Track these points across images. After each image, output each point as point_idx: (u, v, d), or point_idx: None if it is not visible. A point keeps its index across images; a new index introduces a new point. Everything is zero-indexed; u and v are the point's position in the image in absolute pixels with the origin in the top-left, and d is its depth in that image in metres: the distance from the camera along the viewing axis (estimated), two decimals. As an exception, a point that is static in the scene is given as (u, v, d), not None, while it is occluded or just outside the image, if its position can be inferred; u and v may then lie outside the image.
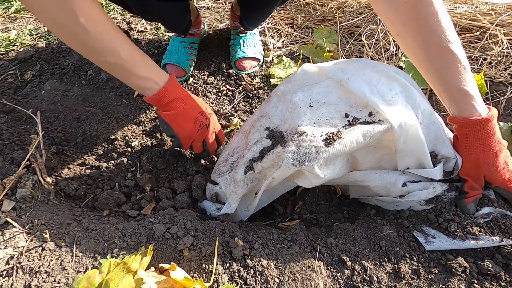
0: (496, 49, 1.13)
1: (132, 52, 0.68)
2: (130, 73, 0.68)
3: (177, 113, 0.75)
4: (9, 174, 0.73)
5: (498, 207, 0.67)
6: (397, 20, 0.65)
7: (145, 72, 0.69)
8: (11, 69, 1.19)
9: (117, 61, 0.66)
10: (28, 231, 0.64)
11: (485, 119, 0.63)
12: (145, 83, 0.70)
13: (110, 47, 0.64)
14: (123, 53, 0.66)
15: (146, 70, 0.70)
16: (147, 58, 0.71)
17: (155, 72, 0.71)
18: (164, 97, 0.72)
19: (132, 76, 0.69)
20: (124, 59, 0.66)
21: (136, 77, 0.69)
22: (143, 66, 0.69)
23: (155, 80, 0.71)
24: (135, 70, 0.68)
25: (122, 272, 0.53)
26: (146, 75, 0.70)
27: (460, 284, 0.60)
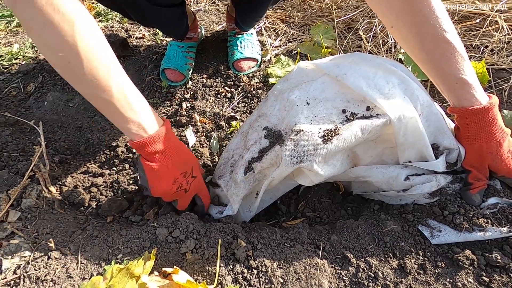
0: (497, 35, 1.11)
1: (127, 91, 0.60)
2: (119, 114, 0.60)
3: (158, 168, 0.64)
4: (15, 185, 0.75)
5: (505, 197, 0.66)
6: (391, 13, 0.64)
7: (134, 115, 0.61)
8: (15, 82, 1.21)
9: (108, 97, 0.58)
10: (34, 241, 0.65)
11: (486, 108, 0.62)
12: (132, 127, 0.61)
13: (104, 83, 0.57)
14: (117, 90, 0.59)
15: (136, 113, 0.61)
16: (141, 100, 0.63)
17: (146, 117, 0.63)
18: (148, 146, 0.63)
19: (121, 117, 0.61)
20: (115, 97, 0.59)
21: (124, 120, 0.61)
22: (135, 109, 0.61)
23: (143, 127, 0.62)
24: (124, 111, 0.60)
25: (126, 277, 0.53)
26: (135, 119, 0.61)
27: (468, 277, 0.58)
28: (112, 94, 0.58)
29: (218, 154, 0.97)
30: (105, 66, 0.57)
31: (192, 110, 1.08)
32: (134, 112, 0.61)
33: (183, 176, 0.68)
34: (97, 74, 0.56)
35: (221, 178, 0.76)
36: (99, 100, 0.60)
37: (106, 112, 0.62)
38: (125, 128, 0.62)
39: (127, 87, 0.61)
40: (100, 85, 0.57)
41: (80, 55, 0.54)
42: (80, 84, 0.59)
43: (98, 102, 0.60)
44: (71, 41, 0.53)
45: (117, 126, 0.63)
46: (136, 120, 0.61)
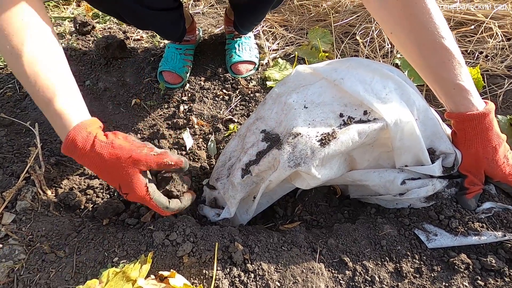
0: (492, 42, 1.12)
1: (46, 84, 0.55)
2: (40, 107, 0.57)
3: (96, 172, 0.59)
4: (9, 187, 0.74)
5: (499, 202, 0.67)
6: (390, 19, 0.65)
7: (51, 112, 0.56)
8: (10, 83, 1.20)
9: (28, 89, 0.55)
10: (28, 243, 0.64)
11: (483, 113, 0.63)
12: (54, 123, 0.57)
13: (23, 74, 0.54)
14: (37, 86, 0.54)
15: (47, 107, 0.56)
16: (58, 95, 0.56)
17: (60, 124, 0.56)
18: (71, 154, 0.57)
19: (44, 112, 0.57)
20: (35, 89, 0.55)
21: (46, 114, 0.57)
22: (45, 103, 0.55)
23: (61, 133, 0.56)
24: (42, 106, 0.56)
25: (122, 281, 0.53)
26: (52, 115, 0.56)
27: (463, 281, 0.59)
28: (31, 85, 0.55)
29: (215, 156, 0.97)
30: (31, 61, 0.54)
31: (190, 112, 1.08)
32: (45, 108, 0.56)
33: (119, 188, 0.60)
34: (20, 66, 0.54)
35: (218, 180, 0.76)
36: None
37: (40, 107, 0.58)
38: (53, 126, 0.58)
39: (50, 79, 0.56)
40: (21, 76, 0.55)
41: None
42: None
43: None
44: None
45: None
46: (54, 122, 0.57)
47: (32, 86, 0.55)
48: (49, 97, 0.56)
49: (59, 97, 0.56)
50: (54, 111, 0.56)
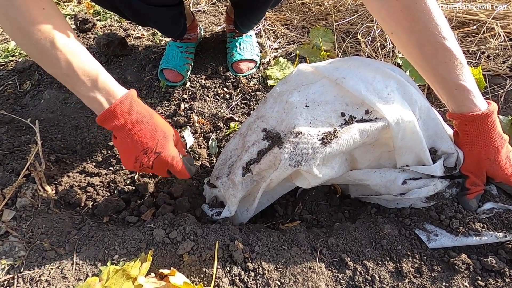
0: (494, 42, 1.12)
1: (78, 66, 0.60)
2: (73, 89, 0.62)
3: (119, 145, 0.65)
4: (9, 184, 0.74)
5: (501, 202, 0.67)
6: (390, 19, 0.65)
7: (87, 90, 0.61)
8: (11, 80, 1.20)
9: (59, 72, 0.60)
10: (29, 241, 0.64)
11: (485, 114, 0.62)
12: (91, 103, 0.62)
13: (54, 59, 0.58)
14: (67, 66, 0.59)
15: (89, 87, 0.61)
16: (98, 73, 0.62)
17: (103, 92, 0.62)
18: (107, 122, 0.62)
19: (76, 92, 0.62)
20: (65, 73, 0.60)
21: (80, 95, 0.62)
22: (90, 82, 0.61)
23: (100, 102, 0.62)
24: (77, 87, 0.61)
25: (122, 278, 0.53)
26: (88, 94, 0.61)
27: (463, 281, 0.59)
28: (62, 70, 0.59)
29: (216, 155, 0.97)
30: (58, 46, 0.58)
31: (191, 110, 1.08)
32: (88, 88, 0.61)
33: (144, 153, 0.64)
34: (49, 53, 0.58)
35: (219, 179, 0.76)
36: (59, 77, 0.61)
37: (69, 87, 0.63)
38: (87, 104, 0.63)
39: (77, 61, 0.60)
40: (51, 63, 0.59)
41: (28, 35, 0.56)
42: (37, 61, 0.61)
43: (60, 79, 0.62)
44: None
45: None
46: (91, 95, 0.61)
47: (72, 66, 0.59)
48: (94, 69, 0.62)
49: (103, 71, 0.64)
50: (104, 79, 0.62)
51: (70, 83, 0.62)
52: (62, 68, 0.59)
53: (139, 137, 0.64)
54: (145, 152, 0.64)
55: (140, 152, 0.64)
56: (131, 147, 0.64)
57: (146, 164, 0.65)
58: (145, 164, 0.65)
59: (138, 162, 0.65)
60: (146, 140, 0.65)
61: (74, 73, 0.60)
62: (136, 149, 0.64)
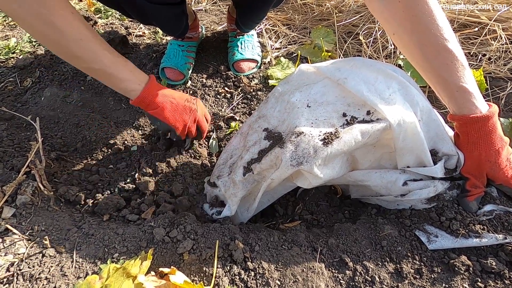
0: (495, 44, 1.12)
1: (114, 58, 0.72)
2: (113, 77, 0.73)
3: (166, 107, 0.79)
4: (9, 181, 0.74)
5: (501, 205, 0.67)
6: (392, 20, 0.65)
7: (126, 75, 0.73)
8: (11, 77, 1.20)
9: (101, 67, 0.70)
10: (28, 238, 0.64)
11: (486, 116, 0.62)
12: (128, 85, 0.75)
13: (93, 55, 0.69)
14: (106, 59, 0.70)
15: (127, 73, 0.74)
16: (127, 61, 0.76)
17: (136, 74, 0.76)
18: (148, 96, 0.76)
19: (116, 80, 0.73)
20: (107, 64, 0.70)
21: (120, 81, 0.73)
22: (125, 70, 0.73)
23: (136, 82, 0.75)
24: (117, 74, 0.72)
25: (122, 277, 0.53)
26: (128, 78, 0.74)
27: (463, 283, 0.59)
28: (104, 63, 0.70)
29: (216, 154, 0.97)
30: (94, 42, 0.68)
31: (191, 109, 1.08)
32: (127, 72, 0.74)
33: (187, 101, 0.84)
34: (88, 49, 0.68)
35: (220, 178, 0.75)
36: (93, 71, 0.72)
37: (102, 78, 0.75)
38: (122, 88, 0.75)
39: (114, 54, 0.72)
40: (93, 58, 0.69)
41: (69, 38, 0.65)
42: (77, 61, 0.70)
43: (94, 72, 0.73)
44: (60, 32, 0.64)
45: (114, 88, 0.76)
46: (129, 78, 0.74)
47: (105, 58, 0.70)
48: (124, 61, 0.75)
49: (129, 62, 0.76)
50: (134, 67, 0.76)
51: (109, 77, 0.73)
52: (105, 65, 0.70)
53: (177, 93, 0.84)
54: (187, 100, 0.84)
55: (185, 101, 0.84)
56: (177, 102, 0.82)
57: (194, 106, 0.85)
58: (193, 107, 0.84)
59: (187, 108, 0.83)
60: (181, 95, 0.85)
61: (116, 67, 0.72)
62: (181, 101, 0.83)
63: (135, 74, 0.75)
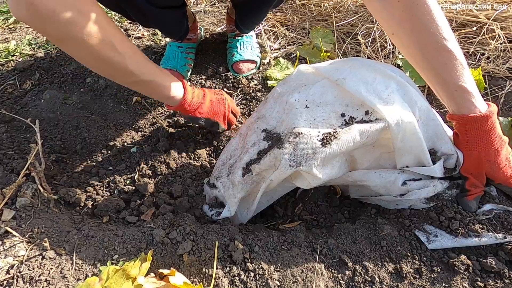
0: (494, 44, 1.12)
1: (155, 67, 0.74)
2: (160, 87, 0.75)
3: (204, 107, 0.85)
4: (9, 184, 0.74)
5: (500, 204, 0.67)
6: (391, 20, 0.65)
7: (169, 83, 0.76)
8: (11, 79, 1.20)
9: (151, 78, 0.72)
10: (28, 240, 0.64)
11: (485, 116, 0.62)
12: (171, 93, 0.78)
13: (145, 68, 0.71)
14: (153, 69, 0.73)
15: (169, 81, 0.77)
16: (164, 69, 0.79)
17: (174, 80, 0.78)
18: (187, 100, 0.81)
19: (162, 89, 0.76)
20: (155, 74, 0.73)
21: (165, 89, 0.76)
22: (167, 78, 0.76)
23: (176, 88, 0.78)
24: (164, 83, 0.75)
25: (122, 278, 0.53)
26: (169, 85, 0.77)
27: (463, 282, 0.59)
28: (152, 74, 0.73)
29: (215, 157, 0.97)
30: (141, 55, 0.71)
31: (191, 111, 1.08)
32: (169, 80, 0.77)
33: (216, 93, 0.91)
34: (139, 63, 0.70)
35: (219, 179, 0.76)
36: (143, 83, 0.73)
37: (146, 89, 0.77)
38: (166, 96, 0.78)
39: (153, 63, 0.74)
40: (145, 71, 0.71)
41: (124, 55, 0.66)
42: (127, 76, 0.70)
43: (142, 84, 0.73)
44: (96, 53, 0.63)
45: (157, 97, 0.80)
46: (172, 86, 0.77)
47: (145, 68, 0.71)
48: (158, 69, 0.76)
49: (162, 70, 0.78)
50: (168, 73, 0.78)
51: (159, 83, 0.74)
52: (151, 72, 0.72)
53: (207, 89, 0.90)
54: (216, 93, 0.91)
55: (216, 95, 0.91)
56: (212, 98, 0.89)
57: (223, 97, 0.91)
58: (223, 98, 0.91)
59: (221, 101, 0.90)
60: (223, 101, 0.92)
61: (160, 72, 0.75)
62: (214, 96, 0.90)
63: (173, 80, 0.78)
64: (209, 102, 0.87)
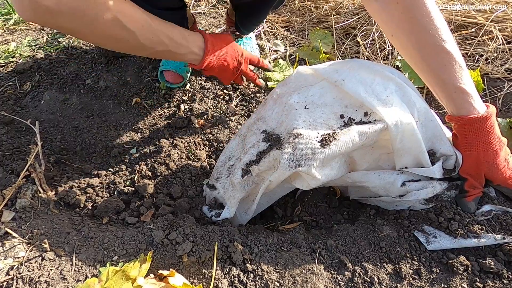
0: (492, 45, 1.13)
1: (172, 33, 0.73)
2: (176, 54, 0.76)
3: (219, 70, 0.85)
4: (9, 185, 0.74)
5: (499, 205, 0.67)
6: (391, 21, 0.65)
7: (186, 47, 0.76)
8: (11, 81, 1.20)
9: (165, 48, 0.72)
10: (28, 241, 0.64)
11: (484, 117, 0.63)
12: (189, 57, 0.78)
13: (157, 39, 0.70)
14: (166, 39, 0.71)
15: (187, 44, 0.76)
16: (181, 30, 0.76)
17: (192, 42, 0.77)
18: (207, 65, 0.81)
19: (179, 55, 0.76)
20: (168, 44, 0.72)
21: (182, 55, 0.77)
22: (184, 42, 0.75)
23: (196, 51, 0.78)
24: (180, 50, 0.75)
25: (121, 279, 0.53)
26: (188, 50, 0.77)
27: (462, 283, 0.59)
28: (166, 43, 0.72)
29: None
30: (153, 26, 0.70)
31: (190, 112, 1.08)
32: (186, 43, 0.76)
33: (236, 62, 0.88)
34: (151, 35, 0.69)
35: (219, 180, 0.76)
36: (158, 53, 0.74)
37: (164, 56, 0.78)
38: (184, 59, 0.79)
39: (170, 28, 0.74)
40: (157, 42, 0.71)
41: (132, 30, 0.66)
42: (142, 50, 0.72)
43: (158, 54, 0.74)
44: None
45: (175, 60, 0.84)
46: (190, 50, 0.77)
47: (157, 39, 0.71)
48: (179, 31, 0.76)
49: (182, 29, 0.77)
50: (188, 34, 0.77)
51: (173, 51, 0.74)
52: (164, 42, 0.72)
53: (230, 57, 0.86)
54: (236, 61, 0.88)
55: (234, 63, 0.87)
56: (228, 66, 0.86)
57: (239, 67, 0.89)
58: (238, 67, 0.89)
59: (234, 69, 0.88)
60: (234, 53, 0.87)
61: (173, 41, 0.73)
62: (231, 64, 0.87)
63: (192, 41, 0.77)
64: (226, 69, 0.86)
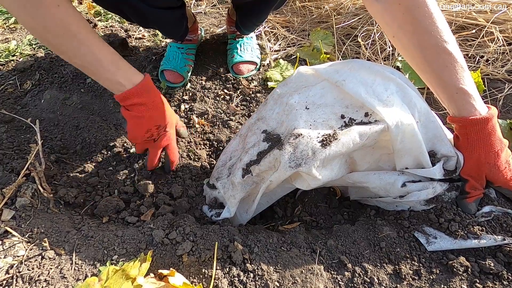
0: (493, 46, 1.13)
1: (98, 55, 0.69)
2: (94, 75, 0.72)
3: (135, 116, 0.75)
4: (9, 184, 0.74)
5: (499, 206, 0.67)
6: (393, 22, 0.65)
7: (109, 74, 0.71)
8: (11, 79, 1.20)
9: (83, 64, 0.69)
10: (28, 240, 0.64)
11: (485, 118, 0.63)
12: (110, 85, 0.73)
13: (75, 51, 0.67)
14: (89, 56, 0.68)
15: (114, 71, 0.71)
16: (116, 59, 0.72)
17: (123, 74, 0.72)
18: (128, 99, 0.73)
19: (98, 78, 0.72)
20: (88, 61, 0.69)
21: (101, 79, 0.72)
22: (112, 68, 0.71)
23: (121, 82, 0.72)
24: (99, 73, 0.71)
25: (121, 279, 0.53)
26: (111, 78, 0.71)
27: (462, 283, 0.59)
28: (86, 60, 0.69)
29: (216, 158, 0.97)
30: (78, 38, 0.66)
31: (191, 112, 1.08)
32: (111, 72, 0.71)
33: (157, 128, 0.78)
34: (71, 45, 0.67)
35: (219, 180, 0.76)
36: (77, 66, 0.70)
37: (87, 73, 0.73)
38: (107, 86, 0.73)
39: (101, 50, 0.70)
40: (74, 54, 0.68)
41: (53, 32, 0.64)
42: (61, 54, 0.70)
43: (78, 67, 0.71)
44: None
45: (103, 85, 0.74)
46: (114, 78, 0.71)
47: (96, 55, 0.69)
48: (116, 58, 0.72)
49: (120, 57, 0.74)
50: (124, 65, 0.73)
51: (93, 70, 0.71)
52: (87, 58, 0.68)
53: (156, 114, 0.77)
54: (157, 128, 0.78)
55: (153, 126, 0.78)
56: (147, 120, 0.76)
57: (155, 136, 0.79)
58: (153, 136, 0.79)
59: (148, 134, 0.77)
60: (160, 118, 0.79)
61: (99, 61, 0.69)
62: (150, 123, 0.77)
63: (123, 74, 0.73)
64: (142, 122, 0.76)
